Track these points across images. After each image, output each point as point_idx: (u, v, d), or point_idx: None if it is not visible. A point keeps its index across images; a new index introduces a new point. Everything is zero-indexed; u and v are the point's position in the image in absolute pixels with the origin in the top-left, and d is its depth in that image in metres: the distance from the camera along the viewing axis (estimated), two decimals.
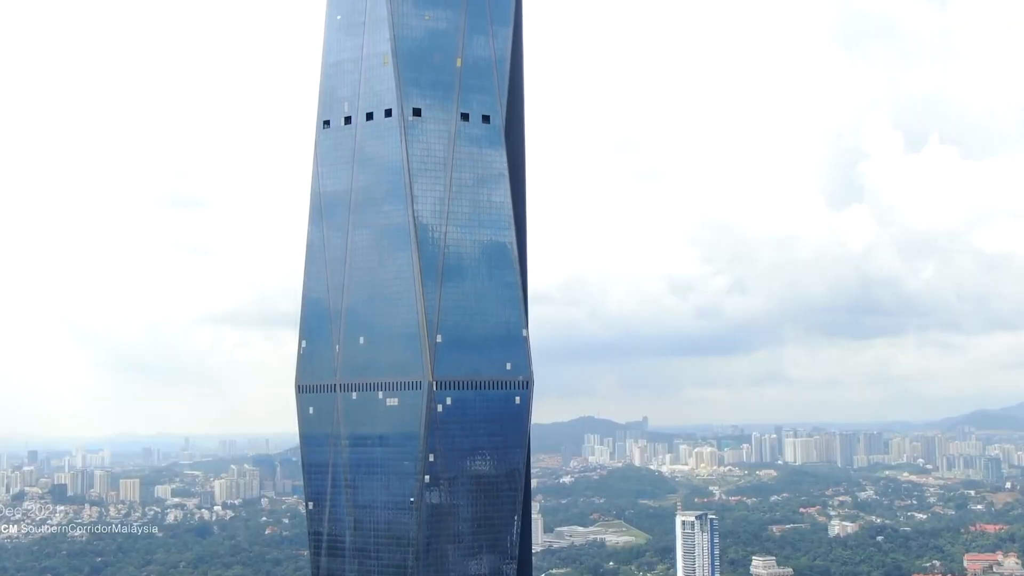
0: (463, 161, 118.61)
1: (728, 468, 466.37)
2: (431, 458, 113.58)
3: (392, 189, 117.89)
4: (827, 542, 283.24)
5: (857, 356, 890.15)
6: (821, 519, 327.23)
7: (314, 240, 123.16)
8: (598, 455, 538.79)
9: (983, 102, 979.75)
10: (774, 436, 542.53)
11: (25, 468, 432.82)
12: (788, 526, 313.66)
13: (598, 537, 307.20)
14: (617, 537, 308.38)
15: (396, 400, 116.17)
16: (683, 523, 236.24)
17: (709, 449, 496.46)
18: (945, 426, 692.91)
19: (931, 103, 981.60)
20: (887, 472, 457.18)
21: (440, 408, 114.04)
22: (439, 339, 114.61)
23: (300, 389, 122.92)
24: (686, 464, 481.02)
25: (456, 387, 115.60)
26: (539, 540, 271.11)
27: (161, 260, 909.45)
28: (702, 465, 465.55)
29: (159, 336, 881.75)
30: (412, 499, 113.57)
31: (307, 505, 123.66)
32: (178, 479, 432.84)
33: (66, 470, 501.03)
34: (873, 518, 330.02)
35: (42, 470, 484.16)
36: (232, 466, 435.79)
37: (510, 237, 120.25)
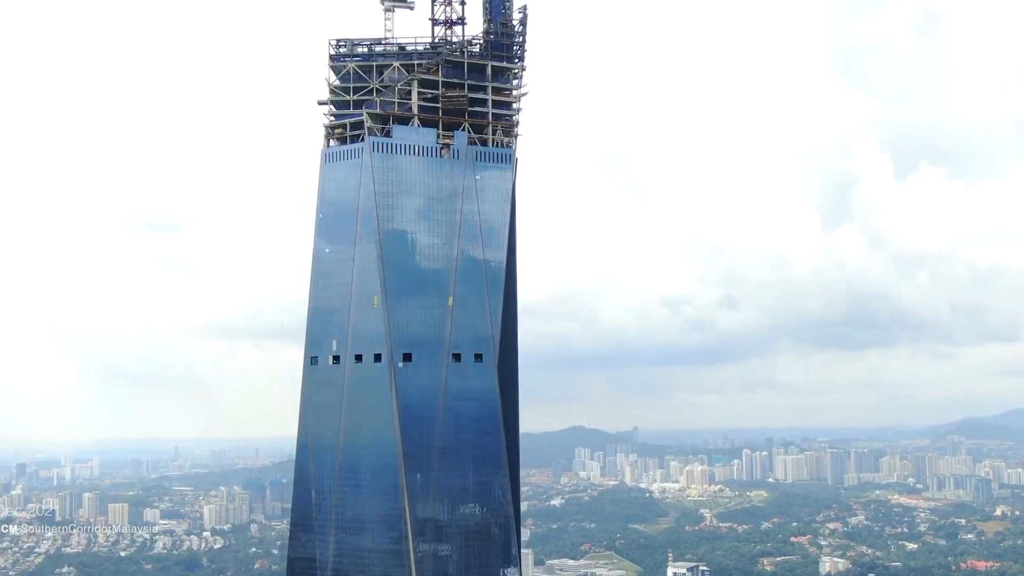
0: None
1: (719, 487, 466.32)
2: None
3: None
4: None
5: (849, 365, 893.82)
6: (812, 550, 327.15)
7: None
8: (589, 470, 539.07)
9: (971, 127, 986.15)
10: (764, 453, 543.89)
11: (13, 492, 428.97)
12: (779, 559, 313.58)
13: (589, 571, 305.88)
14: (608, 572, 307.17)
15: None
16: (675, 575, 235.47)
17: (700, 467, 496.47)
18: (935, 434, 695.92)
19: (920, 128, 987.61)
20: (877, 492, 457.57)
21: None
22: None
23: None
24: (676, 482, 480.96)
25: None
26: (530, 575, 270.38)
27: (146, 278, 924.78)
28: (693, 485, 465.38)
29: (148, 346, 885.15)
30: None
31: None
32: (167, 497, 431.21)
33: (55, 483, 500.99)
34: (864, 549, 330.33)
35: (31, 484, 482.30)
36: (222, 487, 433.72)
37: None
